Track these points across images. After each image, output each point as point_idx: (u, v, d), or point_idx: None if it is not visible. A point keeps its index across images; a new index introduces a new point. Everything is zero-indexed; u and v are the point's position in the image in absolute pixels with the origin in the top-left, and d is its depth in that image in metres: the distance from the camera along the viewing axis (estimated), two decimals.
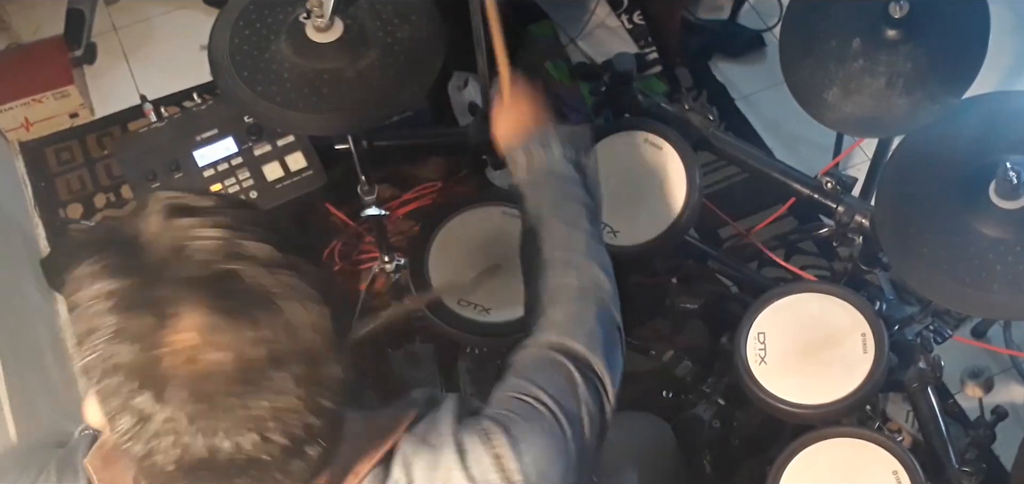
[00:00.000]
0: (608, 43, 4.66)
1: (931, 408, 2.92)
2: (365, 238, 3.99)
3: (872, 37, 2.80)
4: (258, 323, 1.43)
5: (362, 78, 2.74)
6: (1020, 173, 2.41)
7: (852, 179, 3.10)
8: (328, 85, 2.73)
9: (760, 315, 2.89)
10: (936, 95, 2.72)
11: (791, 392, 2.74)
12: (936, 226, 2.57)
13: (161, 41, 4.77)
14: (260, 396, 1.44)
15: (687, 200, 2.91)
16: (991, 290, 2.45)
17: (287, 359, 1.45)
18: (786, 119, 4.45)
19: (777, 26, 4.55)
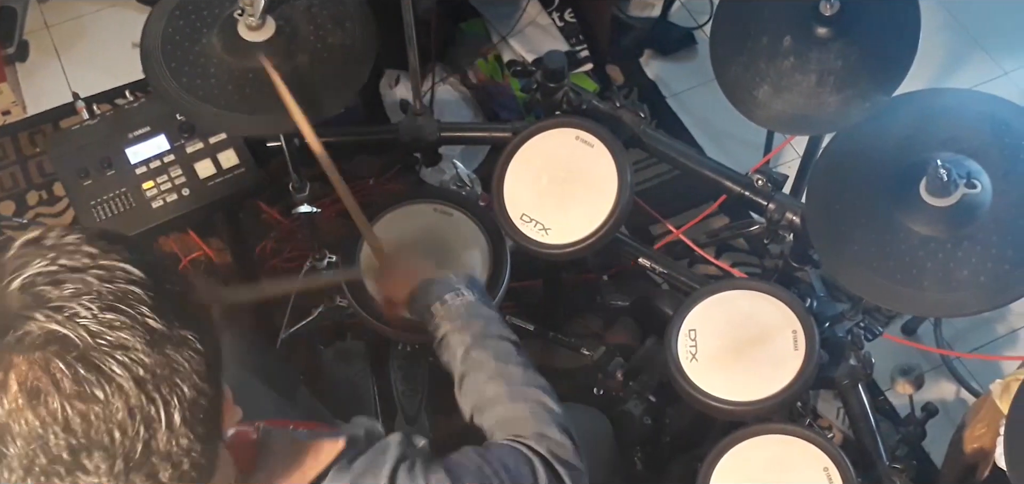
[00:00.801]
0: (539, 41, 4.66)
1: (862, 405, 2.92)
2: (297, 236, 3.97)
3: (803, 34, 2.79)
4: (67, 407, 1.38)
5: (288, 80, 2.68)
6: (950, 171, 2.41)
7: (783, 176, 3.09)
8: (253, 84, 2.71)
9: (691, 312, 2.86)
10: (867, 92, 2.71)
11: (722, 389, 2.72)
12: (867, 223, 2.56)
13: (93, 39, 4.72)
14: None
15: (618, 198, 2.87)
16: (921, 287, 2.45)
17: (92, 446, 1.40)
18: (717, 116, 4.45)
19: (708, 24, 4.58)
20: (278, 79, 2.49)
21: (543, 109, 3.20)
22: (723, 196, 3.24)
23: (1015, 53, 4.78)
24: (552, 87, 3.14)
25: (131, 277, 1.42)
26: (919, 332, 3.87)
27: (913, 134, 2.62)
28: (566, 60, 3.15)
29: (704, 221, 3.89)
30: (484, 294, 2.41)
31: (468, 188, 3.27)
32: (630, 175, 2.91)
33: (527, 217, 2.91)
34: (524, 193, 2.94)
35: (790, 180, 3.36)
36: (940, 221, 2.45)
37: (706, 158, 3.40)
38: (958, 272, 2.42)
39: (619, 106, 3.21)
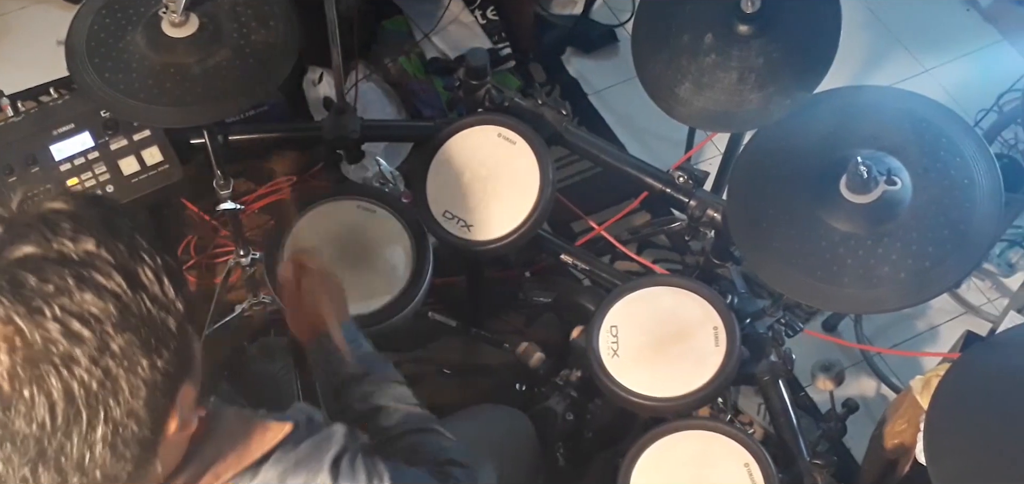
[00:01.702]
0: (462, 38, 4.62)
1: (782, 401, 2.90)
2: (220, 232, 3.93)
3: (724, 32, 2.79)
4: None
5: (209, 76, 2.71)
6: (871, 167, 2.40)
7: (704, 173, 3.08)
8: (173, 79, 2.71)
9: (613, 308, 2.85)
10: (788, 90, 2.71)
11: (643, 385, 2.71)
12: (787, 220, 2.55)
13: (17, 36, 4.64)
14: None
15: (540, 194, 2.87)
16: (842, 284, 2.44)
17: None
18: (639, 114, 4.43)
19: (630, 21, 4.55)
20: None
21: (465, 106, 3.18)
22: (645, 193, 3.24)
23: (935, 50, 4.80)
24: (474, 84, 3.12)
25: (110, 289, 1.42)
26: (839, 328, 3.87)
27: (834, 131, 2.61)
28: (488, 58, 3.14)
29: (626, 218, 3.89)
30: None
31: (391, 185, 3.25)
32: (552, 172, 2.90)
33: (449, 214, 2.90)
34: (447, 190, 2.94)
35: (711, 177, 3.37)
36: (860, 218, 2.45)
37: (628, 155, 3.40)
38: (878, 268, 2.42)
39: (541, 103, 3.19)
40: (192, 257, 3.89)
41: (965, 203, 2.43)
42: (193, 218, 3.95)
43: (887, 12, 4.91)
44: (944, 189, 2.45)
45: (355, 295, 2.80)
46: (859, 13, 4.85)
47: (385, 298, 2.88)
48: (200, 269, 3.90)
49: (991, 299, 4.06)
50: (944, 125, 2.55)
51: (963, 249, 2.39)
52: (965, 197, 2.43)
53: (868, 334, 3.88)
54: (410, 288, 2.90)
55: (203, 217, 3.92)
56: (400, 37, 4.56)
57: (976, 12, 4.98)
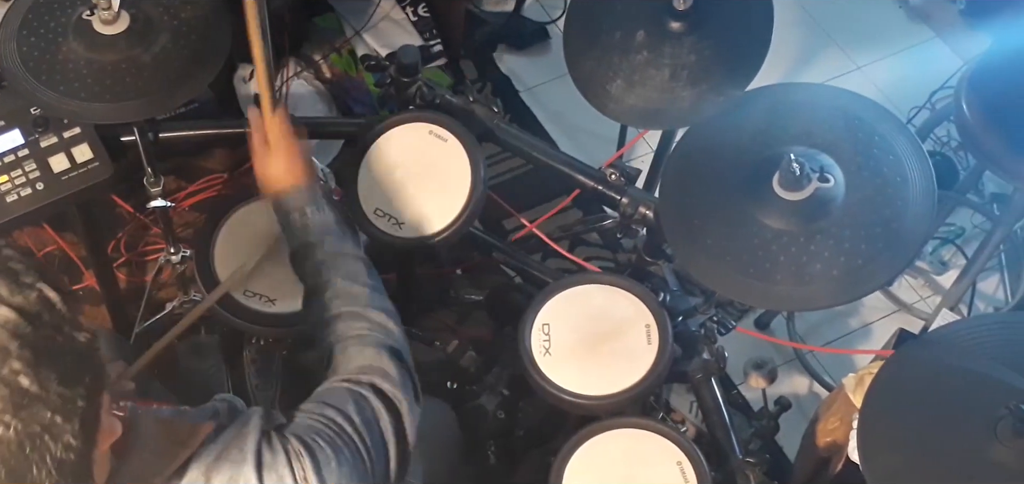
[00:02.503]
0: (393, 35, 4.61)
1: (715, 399, 2.89)
2: (151, 230, 3.92)
3: (656, 29, 2.78)
4: None
5: (157, 62, 2.73)
6: (803, 165, 2.39)
7: (636, 171, 3.06)
8: (128, 74, 2.73)
9: (544, 306, 2.83)
10: (720, 87, 2.70)
11: (575, 383, 2.69)
12: (720, 217, 2.54)
13: None
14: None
15: (471, 192, 2.85)
16: (774, 281, 2.43)
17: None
18: (570, 111, 4.42)
19: (561, 18, 4.53)
20: None
21: (397, 104, 3.17)
22: (577, 191, 3.22)
23: (868, 48, 4.83)
24: (406, 82, 3.11)
25: (8, 327, 1.40)
26: (772, 326, 3.88)
27: (766, 128, 2.60)
28: (420, 55, 3.14)
29: (558, 215, 3.87)
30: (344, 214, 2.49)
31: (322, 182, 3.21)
32: (483, 169, 2.89)
33: (381, 211, 2.89)
34: (378, 187, 2.92)
35: (643, 174, 3.35)
36: (793, 215, 2.44)
37: (559, 152, 3.39)
38: (811, 266, 2.41)
39: (473, 101, 3.17)
40: (122, 255, 3.87)
41: (898, 201, 2.42)
42: (124, 215, 3.92)
43: (819, 9, 4.92)
44: (877, 187, 2.45)
45: (286, 292, 2.82)
46: (791, 10, 4.86)
47: None
48: (130, 266, 3.88)
49: (924, 297, 4.08)
50: (877, 122, 2.55)
51: (896, 247, 2.39)
52: (898, 195, 2.43)
53: (801, 332, 3.89)
54: None
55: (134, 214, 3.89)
56: (331, 34, 4.55)
57: (908, 9, 5.01)
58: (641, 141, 4.29)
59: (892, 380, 2.35)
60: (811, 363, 3.82)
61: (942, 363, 2.33)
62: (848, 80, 4.65)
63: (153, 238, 3.91)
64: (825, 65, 4.74)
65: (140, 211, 3.84)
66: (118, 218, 3.93)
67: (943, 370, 2.31)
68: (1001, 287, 4.09)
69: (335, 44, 4.49)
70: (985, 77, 3.26)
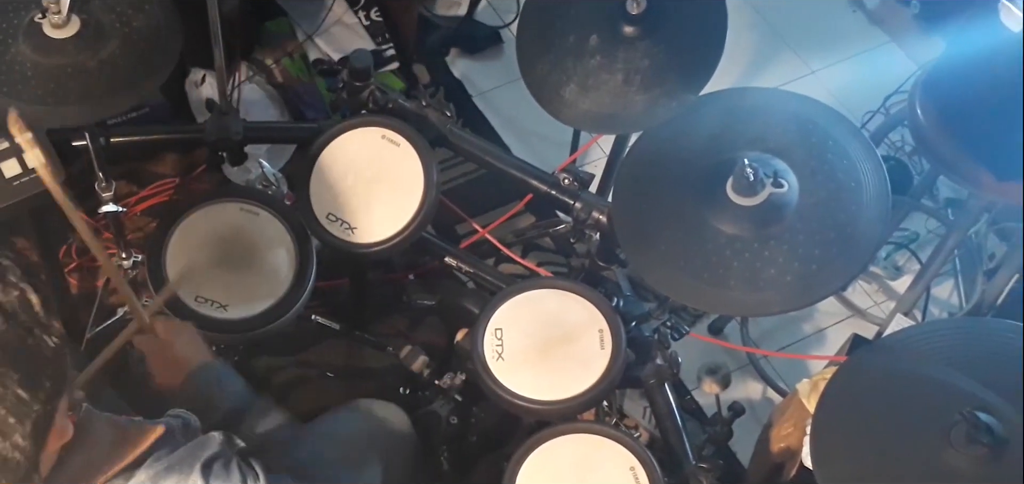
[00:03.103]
0: (345, 40, 4.60)
1: (668, 404, 2.89)
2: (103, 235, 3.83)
3: (610, 33, 2.77)
4: None
5: (104, 68, 2.72)
6: (757, 170, 2.39)
7: (589, 175, 3.06)
8: (73, 78, 2.72)
9: (497, 311, 2.82)
10: (674, 91, 2.70)
11: (528, 388, 2.68)
12: (673, 223, 2.53)
13: None
14: None
15: (424, 197, 2.85)
16: (728, 286, 2.43)
17: None
18: (524, 116, 4.42)
19: (515, 22, 4.53)
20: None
21: (349, 108, 3.16)
22: (529, 195, 3.23)
23: (822, 52, 4.84)
24: (358, 86, 3.10)
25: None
26: (726, 331, 3.89)
27: (720, 133, 2.60)
28: (372, 59, 3.15)
29: (510, 220, 3.87)
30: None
31: (274, 187, 3.21)
32: (436, 174, 2.89)
33: (333, 216, 2.88)
34: (330, 192, 2.91)
35: (597, 179, 3.36)
36: (746, 220, 2.43)
37: (512, 157, 3.37)
38: (764, 271, 2.40)
39: (425, 105, 3.17)
40: (74, 260, 3.84)
41: (852, 206, 2.42)
42: None
43: (773, 14, 4.93)
44: (831, 192, 2.44)
45: (237, 298, 2.80)
46: (745, 14, 4.87)
47: (268, 301, 2.85)
48: (82, 272, 3.86)
49: (878, 302, 4.10)
50: (831, 127, 2.55)
51: (850, 252, 2.39)
52: (852, 200, 2.43)
53: (754, 337, 3.89)
54: (293, 291, 2.87)
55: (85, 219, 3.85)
56: (283, 38, 4.53)
57: (862, 14, 5.03)
58: (595, 146, 4.29)
59: (846, 386, 2.34)
60: (765, 368, 3.82)
61: (896, 369, 2.32)
62: (802, 84, 4.67)
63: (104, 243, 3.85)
64: (779, 69, 4.75)
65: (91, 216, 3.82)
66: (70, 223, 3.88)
67: (897, 376, 2.31)
68: (955, 292, 4.11)
69: (287, 48, 4.47)
70: (939, 81, 3.28)
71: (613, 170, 3.53)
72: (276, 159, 3.98)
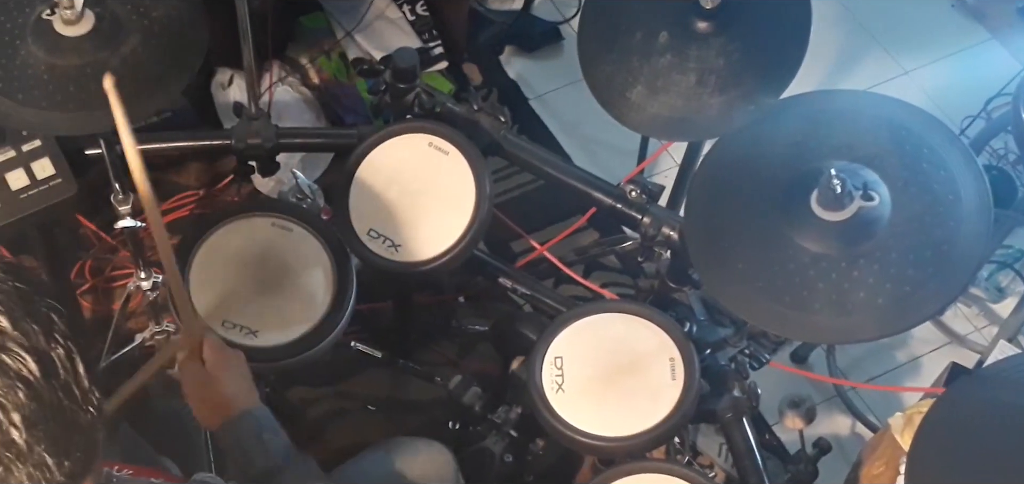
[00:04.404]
0: (388, 37, 4.61)
1: (746, 441, 2.89)
2: (119, 253, 3.90)
3: (681, 30, 2.78)
4: None
5: (126, 66, 2.68)
6: (845, 181, 2.38)
7: (659, 187, 3.07)
8: (91, 78, 2.66)
9: (557, 338, 2.83)
10: (752, 94, 2.70)
11: (591, 423, 2.69)
12: (752, 239, 2.53)
13: None
14: None
15: (476, 211, 2.86)
16: (812, 310, 2.42)
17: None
18: (585, 121, 4.44)
19: (575, 18, 4.54)
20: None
21: (392, 112, 3.17)
22: (593, 209, 3.22)
23: (916, 50, 4.82)
24: (402, 88, 3.11)
25: (21, 376, 1.41)
26: (810, 360, 3.88)
27: (803, 140, 2.59)
28: (418, 58, 3.15)
29: (571, 237, 3.88)
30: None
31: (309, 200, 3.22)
32: (489, 186, 2.90)
33: (375, 232, 2.89)
34: (371, 206, 2.92)
35: (667, 191, 3.35)
36: (833, 237, 2.43)
37: (573, 167, 3.38)
38: (853, 294, 2.39)
39: (477, 109, 3.18)
40: (87, 280, 3.86)
41: (950, 221, 2.41)
42: (89, 237, 3.92)
43: (862, 8, 4.92)
44: (926, 205, 2.43)
45: (269, 323, 2.80)
46: (831, 9, 4.86)
47: (303, 327, 2.85)
48: (96, 294, 3.87)
49: (979, 327, 4.08)
50: (926, 134, 2.54)
51: (947, 272, 2.37)
52: (950, 214, 2.41)
53: (842, 367, 3.88)
54: (331, 316, 2.87)
55: (100, 235, 3.89)
56: (319, 35, 4.55)
57: (962, 8, 4.99)
58: (664, 154, 4.30)
59: (944, 420, 2.34)
60: (854, 401, 3.81)
61: (999, 401, 2.32)
62: (894, 86, 4.66)
63: (121, 262, 3.90)
64: (869, 69, 4.74)
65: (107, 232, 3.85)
66: (83, 240, 3.93)
67: (1000, 409, 2.30)
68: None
69: (324, 46, 4.50)
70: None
71: (685, 181, 3.53)
72: (311, 169, 4.00)
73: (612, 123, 2.85)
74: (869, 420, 3.75)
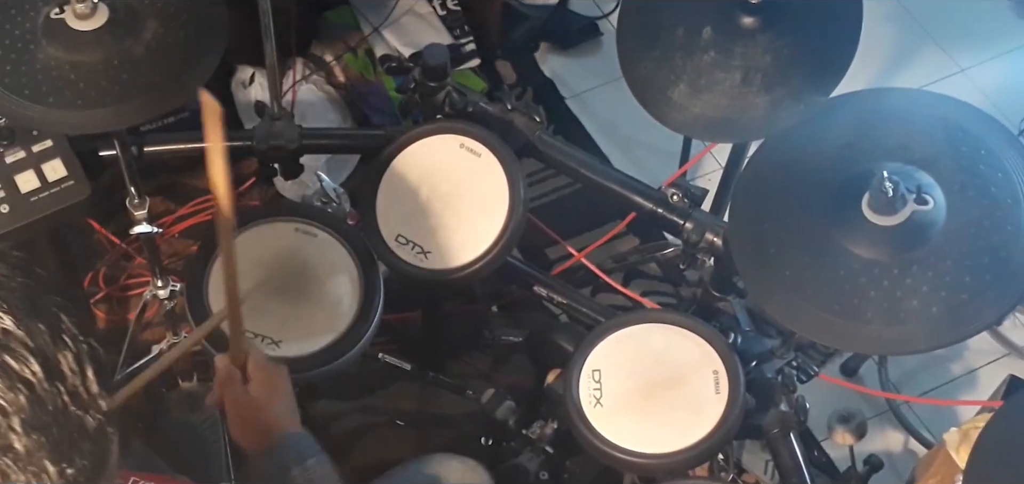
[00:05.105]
0: (418, 32, 4.61)
1: (794, 457, 2.89)
2: (135, 260, 3.92)
3: (726, 25, 2.78)
4: None
5: (150, 54, 2.69)
6: (898, 184, 2.38)
7: (702, 191, 3.07)
8: (105, 74, 2.67)
9: (595, 349, 2.84)
10: (800, 93, 2.71)
11: (631, 439, 2.69)
12: (800, 245, 2.53)
13: None
14: None
15: (509, 216, 2.87)
16: (863, 320, 2.42)
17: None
18: (625, 121, 4.44)
19: (614, 12, 4.54)
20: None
21: (422, 112, 3.18)
22: (632, 214, 3.23)
23: (973, 48, 4.81)
24: (432, 86, 3.13)
25: (23, 377, 1.39)
26: (861, 372, 3.87)
27: (854, 141, 2.59)
28: (449, 55, 3.15)
29: (610, 243, 3.88)
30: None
31: (334, 204, 3.23)
32: (523, 189, 2.91)
33: (403, 238, 2.90)
34: (400, 210, 2.94)
35: (711, 195, 3.36)
36: (885, 243, 2.42)
37: (612, 169, 3.40)
38: (906, 302, 2.39)
39: (511, 108, 3.19)
40: (101, 289, 3.87)
41: (1008, 226, 2.40)
42: (103, 243, 3.94)
43: (917, 3, 4.91)
44: (983, 209, 2.42)
45: (292, 333, 2.81)
46: (884, 3, 4.85)
47: (328, 338, 2.85)
48: (111, 303, 3.88)
49: None
50: (983, 134, 2.53)
51: (1006, 280, 2.37)
52: (1008, 219, 2.41)
53: (894, 380, 3.88)
54: (357, 326, 2.87)
55: (114, 242, 3.91)
56: (345, 31, 4.55)
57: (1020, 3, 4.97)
58: (708, 156, 4.30)
59: (1001, 436, 2.34)
60: (907, 416, 3.81)
61: None
62: (950, 85, 4.64)
63: (137, 270, 3.91)
64: (923, 67, 4.73)
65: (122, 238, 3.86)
66: (96, 246, 3.94)
67: None
68: None
69: (350, 42, 4.50)
70: None
71: (729, 185, 3.53)
72: (337, 172, 4.01)
73: (653, 123, 2.86)
74: (923, 436, 3.74)
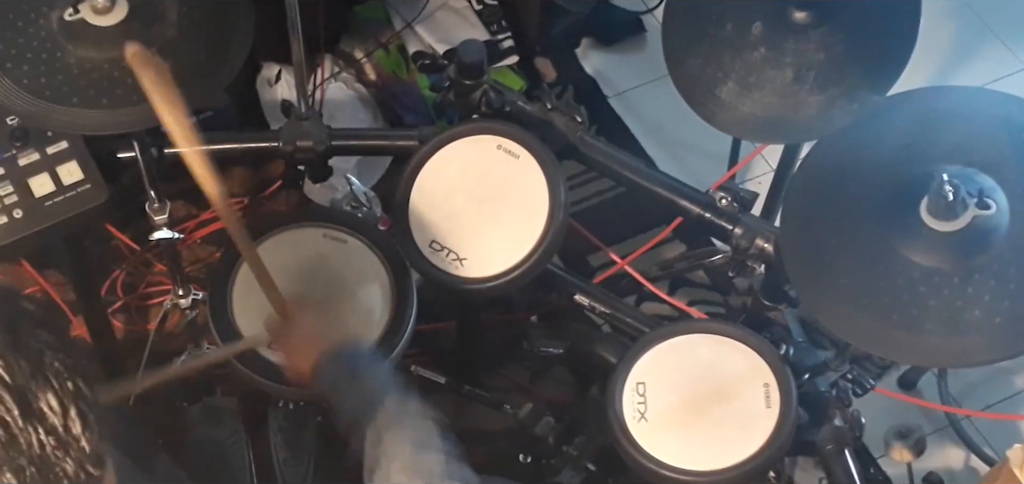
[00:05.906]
0: (453, 28, 4.62)
1: (849, 475, 2.89)
2: (155, 267, 3.93)
3: (777, 20, 2.79)
4: None
5: (171, 49, 2.69)
6: (958, 187, 2.38)
7: (752, 195, 3.08)
8: (123, 73, 2.64)
9: (639, 361, 2.84)
10: (855, 91, 2.70)
11: (677, 456, 2.70)
12: (855, 252, 2.54)
13: None
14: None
15: (549, 221, 2.87)
16: (922, 331, 2.42)
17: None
18: (670, 121, 4.44)
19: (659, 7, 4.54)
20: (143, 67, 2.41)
21: (457, 112, 3.19)
22: (678, 219, 3.23)
23: None
24: (468, 85, 3.13)
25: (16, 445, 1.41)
26: (920, 386, 3.87)
27: (912, 142, 2.60)
28: (486, 52, 3.15)
29: (655, 249, 3.88)
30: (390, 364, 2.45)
31: (365, 208, 3.24)
32: (564, 193, 2.90)
33: (438, 245, 2.90)
34: (434, 215, 2.93)
35: (761, 199, 3.35)
36: (945, 249, 2.43)
37: (657, 172, 3.40)
38: (967, 312, 2.39)
39: (550, 108, 3.20)
40: (119, 298, 3.88)
41: None
42: (121, 249, 3.95)
43: None
44: None
45: None
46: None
47: None
48: (129, 312, 3.89)
49: None
50: None
51: None
52: None
53: (955, 393, 3.87)
54: (389, 336, 2.88)
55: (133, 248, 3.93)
56: (376, 27, 4.56)
57: None
58: (758, 158, 4.30)
59: None
60: (968, 431, 3.80)
61: None
62: (1013, 83, 4.61)
63: (157, 278, 3.92)
64: (985, 64, 4.72)
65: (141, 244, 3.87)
66: (114, 253, 3.96)
67: None
68: None
69: (381, 39, 4.51)
70: None
71: (781, 188, 3.54)
72: (367, 175, 4.03)
73: (700, 124, 2.87)
74: (985, 452, 3.73)
